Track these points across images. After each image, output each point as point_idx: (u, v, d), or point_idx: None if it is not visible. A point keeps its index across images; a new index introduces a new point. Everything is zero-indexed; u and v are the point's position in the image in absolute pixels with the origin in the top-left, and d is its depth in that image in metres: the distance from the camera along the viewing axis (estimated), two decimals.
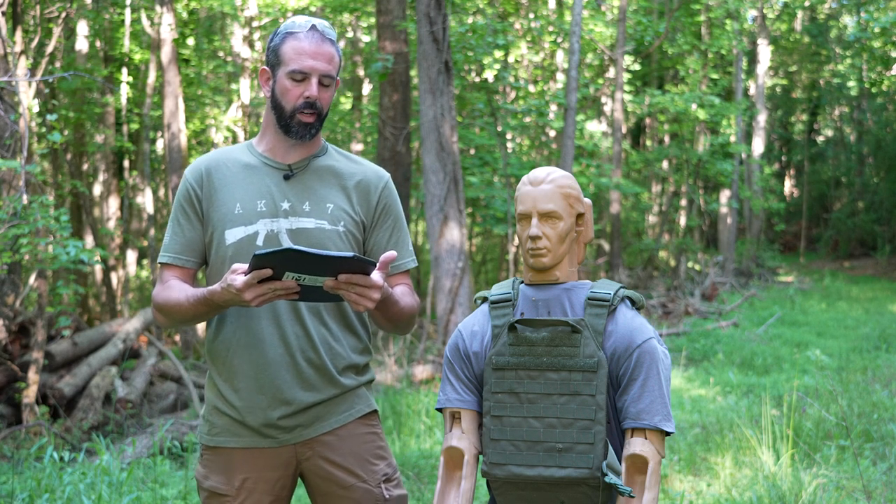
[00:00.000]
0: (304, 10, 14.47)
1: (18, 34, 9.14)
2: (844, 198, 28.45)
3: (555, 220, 2.16)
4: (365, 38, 18.23)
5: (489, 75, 11.86)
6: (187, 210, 2.41)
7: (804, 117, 31.34)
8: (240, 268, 2.09)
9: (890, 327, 11.71)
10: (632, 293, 2.20)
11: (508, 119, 13.12)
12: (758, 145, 22.61)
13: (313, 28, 2.33)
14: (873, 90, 25.99)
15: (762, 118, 22.60)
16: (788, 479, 4.70)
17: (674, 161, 20.55)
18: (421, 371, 8.11)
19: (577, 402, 2.10)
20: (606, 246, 17.56)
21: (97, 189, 15.12)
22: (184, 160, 11.45)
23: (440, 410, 2.27)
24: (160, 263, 2.43)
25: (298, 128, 2.35)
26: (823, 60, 27.57)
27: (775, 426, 5.60)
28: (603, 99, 18.85)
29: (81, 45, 13.76)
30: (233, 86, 17.00)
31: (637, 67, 18.66)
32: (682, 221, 22.67)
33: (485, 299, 2.28)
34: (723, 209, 21.20)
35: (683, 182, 19.92)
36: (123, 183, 16.24)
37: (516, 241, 9.08)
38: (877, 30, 20.15)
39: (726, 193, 20.86)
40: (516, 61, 17.12)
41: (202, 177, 2.41)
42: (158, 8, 11.78)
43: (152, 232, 14.49)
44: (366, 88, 18.95)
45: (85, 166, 15.19)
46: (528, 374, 2.14)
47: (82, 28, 13.57)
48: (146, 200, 15.46)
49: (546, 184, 2.18)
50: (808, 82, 29.82)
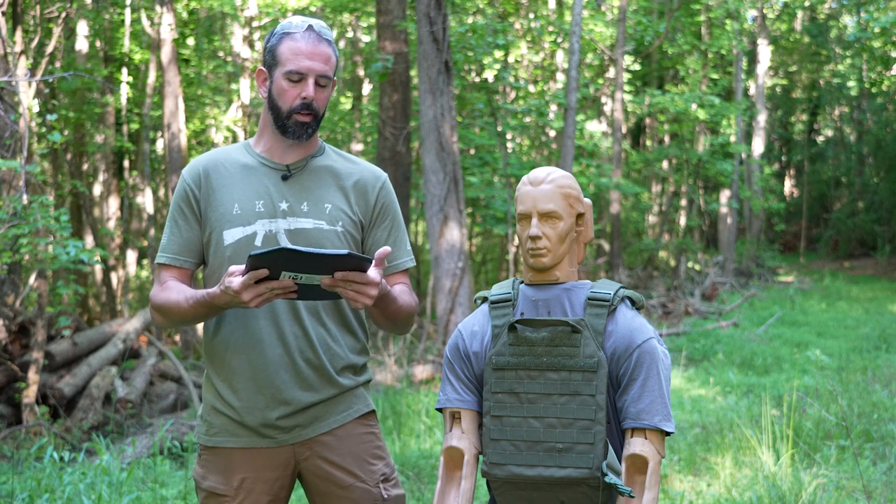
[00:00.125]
0: (304, 10, 14.47)
1: (18, 34, 9.14)
2: (844, 198, 28.45)
3: (555, 220, 2.16)
4: (365, 38, 18.23)
5: (489, 75, 11.86)
6: (185, 210, 2.40)
7: (804, 117, 31.33)
8: (236, 269, 2.09)
9: (890, 327, 11.71)
10: (632, 293, 2.20)
11: (508, 119, 13.11)
12: (758, 145, 22.60)
13: (310, 28, 2.33)
14: (873, 90, 25.99)
15: (762, 118, 22.60)
16: (788, 479, 4.70)
17: (674, 161, 20.55)
18: (421, 371, 8.10)
19: (577, 402, 2.10)
20: (606, 246, 17.56)
21: (97, 189, 15.11)
22: (184, 160, 11.44)
23: (440, 410, 2.27)
24: (158, 264, 2.42)
25: (295, 128, 2.35)
26: (823, 60, 27.57)
27: (775, 426, 5.60)
28: (603, 99, 18.85)
29: (81, 45, 13.76)
30: (233, 86, 17.00)
31: (637, 67, 18.66)
32: (682, 221, 22.67)
33: (485, 299, 2.28)
34: (723, 209, 21.20)
35: (683, 182, 19.92)
36: (123, 183, 16.24)
37: (516, 241, 9.08)
38: (877, 30, 20.14)
39: (726, 193, 20.86)
40: (516, 61, 17.12)
41: (200, 177, 2.40)
42: (158, 8, 11.78)
43: (152, 232, 14.49)
44: (366, 88, 18.95)
45: (85, 166, 15.18)
46: (528, 374, 2.14)
47: (82, 28, 13.57)
48: (146, 200, 15.47)
49: (546, 184, 2.18)
50: (808, 82, 29.81)
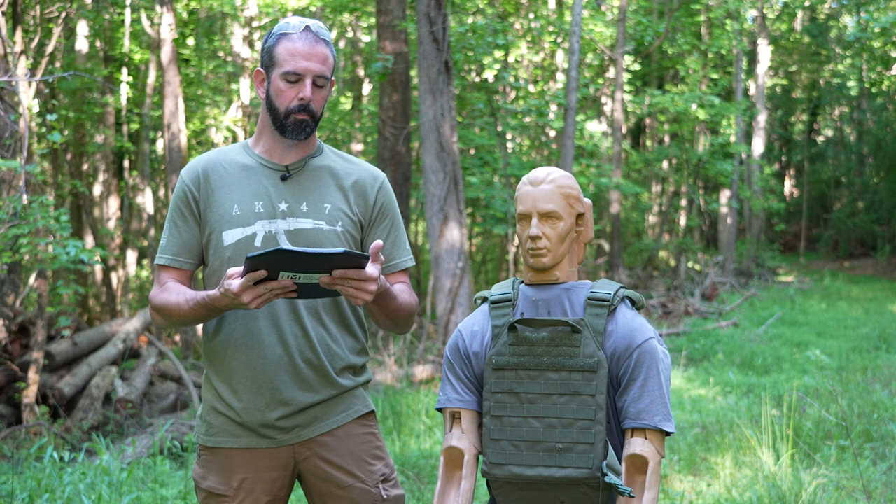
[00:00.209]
0: (304, 10, 14.46)
1: (18, 34, 9.13)
2: (844, 198, 28.45)
3: (555, 220, 2.16)
4: (365, 38, 18.22)
5: (489, 75, 11.86)
6: (184, 211, 2.40)
7: (804, 117, 31.33)
8: (235, 272, 2.09)
9: (890, 327, 11.71)
10: (632, 293, 2.20)
11: (508, 119, 13.11)
12: (758, 145, 22.60)
13: (307, 29, 2.33)
14: (873, 90, 25.99)
15: (762, 118, 22.60)
16: (788, 479, 4.70)
17: (674, 161, 20.54)
18: (421, 371, 8.10)
19: (577, 402, 2.10)
20: (606, 246, 17.56)
21: (97, 189, 15.11)
22: (184, 160, 11.44)
23: (440, 410, 2.27)
24: (157, 265, 2.42)
25: (294, 127, 2.35)
26: (823, 60, 27.57)
27: (775, 426, 5.60)
28: (603, 99, 18.84)
29: (81, 45, 13.76)
30: (233, 86, 16.99)
31: (637, 67, 18.66)
32: (682, 221, 22.67)
33: (485, 299, 2.28)
34: (723, 209, 21.20)
35: (683, 182, 19.92)
36: (123, 183, 16.24)
37: (516, 241, 9.08)
38: (877, 30, 20.14)
39: (726, 193, 20.86)
40: (516, 61, 17.12)
41: (199, 178, 2.40)
42: (158, 8, 11.78)
43: (152, 232, 14.49)
44: (366, 88, 18.95)
45: (85, 166, 15.18)
46: (528, 374, 2.14)
47: (82, 28, 13.57)
48: (146, 200, 15.47)
49: (546, 184, 2.18)
50: (808, 82, 29.82)
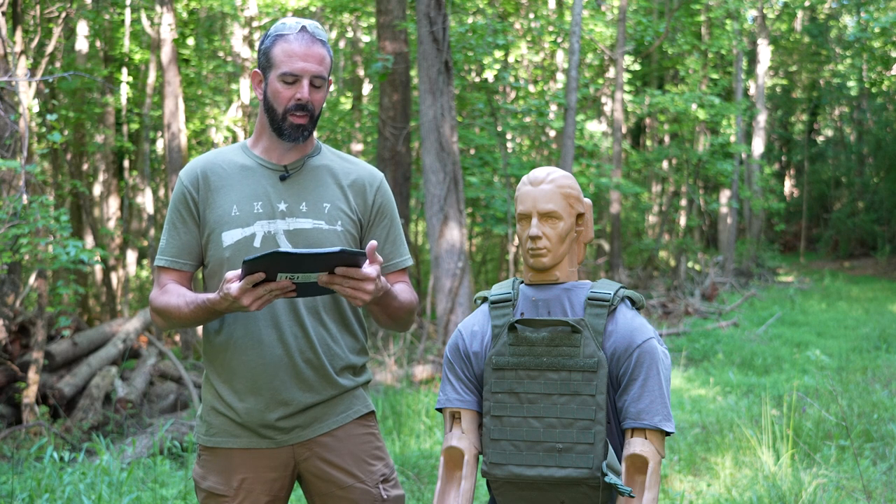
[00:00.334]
0: (304, 10, 14.46)
1: (18, 34, 9.13)
2: (844, 198, 28.45)
3: (555, 220, 2.16)
4: (365, 38, 18.22)
5: (489, 75, 11.86)
6: (183, 213, 2.40)
7: (804, 117, 31.34)
8: (233, 276, 2.10)
9: (890, 327, 11.70)
10: (632, 293, 2.20)
11: (508, 119, 13.11)
12: (758, 145, 22.60)
13: (303, 30, 2.33)
14: (873, 90, 25.99)
15: (762, 118, 22.59)
16: (788, 479, 4.70)
17: (674, 161, 20.54)
18: (421, 371, 8.10)
19: (577, 402, 2.10)
20: (606, 246, 17.56)
21: (97, 189, 15.11)
22: (184, 160, 11.44)
23: (440, 410, 2.27)
24: (157, 266, 2.42)
25: (291, 130, 2.35)
26: (823, 60, 27.57)
27: (775, 426, 5.60)
28: (603, 99, 18.84)
29: (81, 45, 13.75)
30: (233, 86, 16.99)
31: (637, 67, 18.66)
32: (682, 221, 22.67)
33: (485, 299, 2.28)
34: (723, 209, 21.20)
35: (683, 182, 19.92)
36: (123, 183, 16.24)
37: (516, 241, 9.07)
38: (877, 30, 20.15)
39: (726, 193, 20.86)
40: (516, 61, 17.12)
41: (198, 179, 2.40)
42: (158, 8, 11.78)
43: (152, 232, 14.49)
44: (366, 88, 18.95)
45: (85, 166, 15.18)
46: (528, 374, 2.14)
47: (82, 28, 13.57)
48: (146, 200, 15.47)
49: (546, 184, 2.18)
50: (808, 82, 29.82)
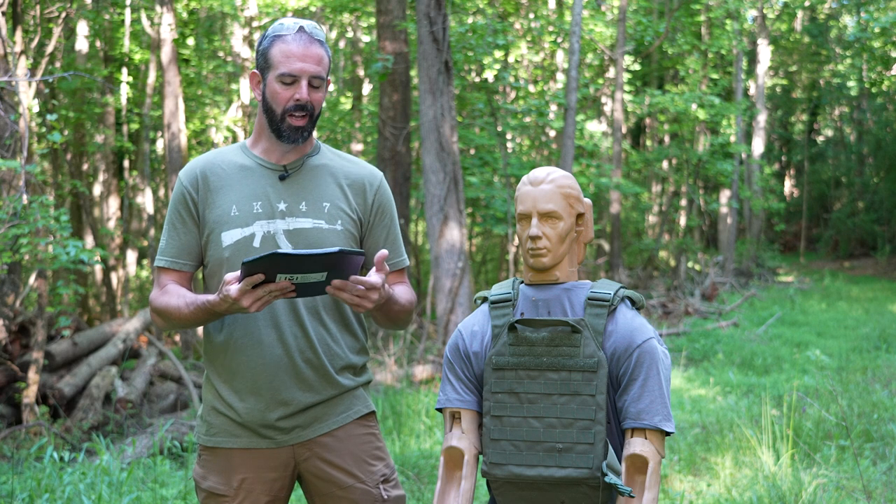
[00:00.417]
0: (304, 10, 14.46)
1: (18, 34, 9.13)
2: (844, 198, 28.45)
3: (555, 220, 2.16)
4: (365, 38, 18.22)
5: (489, 75, 11.86)
6: (182, 214, 2.41)
7: (804, 117, 31.33)
8: (232, 277, 2.11)
9: (890, 327, 11.70)
10: (632, 293, 2.20)
11: (508, 119, 13.11)
12: (758, 145, 22.60)
13: (301, 30, 2.32)
14: (873, 90, 25.99)
15: (762, 118, 22.59)
16: (788, 479, 4.70)
17: (674, 161, 20.54)
18: (421, 371, 8.10)
19: (577, 402, 2.10)
20: (606, 246, 17.56)
21: (97, 189, 15.11)
22: (184, 160, 11.44)
23: (440, 410, 2.27)
24: (157, 267, 2.42)
25: (290, 132, 2.35)
26: (823, 60, 27.57)
27: (775, 426, 5.60)
28: (603, 99, 18.84)
29: (81, 45, 13.75)
30: (233, 86, 16.99)
31: (637, 67, 18.65)
32: (682, 221, 22.67)
33: (485, 299, 2.28)
34: (723, 209, 21.19)
35: (683, 182, 19.92)
36: (123, 183, 16.24)
37: (516, 241, 9.07)
38: (877, 30, 20.14)
39: (726, 193, 20.86)
40: (516, 61, 17.11)
41: (197, 180, 2.41)
42: (158, 8, 11.78)
43: (152, 232, 14.49)
44: (366, 88, 18.94)
45: (85, 166, 15.18)
46: (528, 374, 2.14)
47: (82, 28, 13.57)
48: (146, 200, 15.47)
49: (546, 184, 2.18)
50: (808, 82, 29.82)
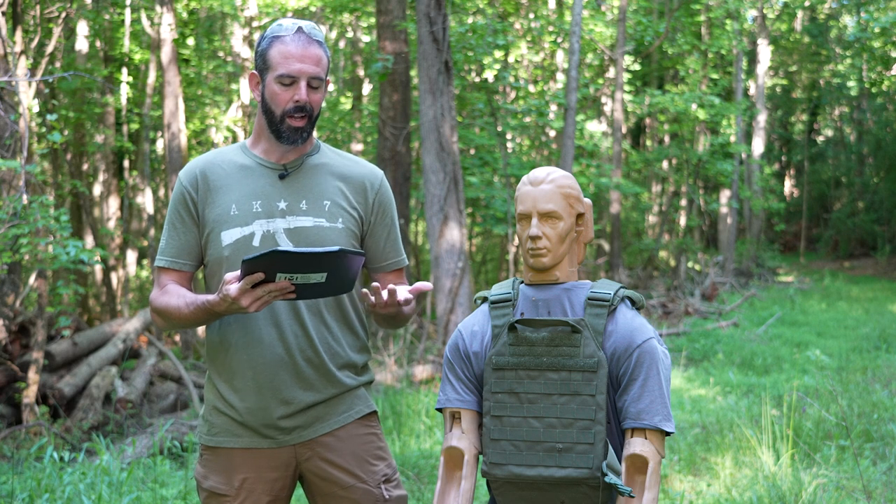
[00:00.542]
0: (304, 10, 14.46)
1: (18, 34, 9.13)
2: (844, 198, 28.45)
3: (555, 220, 2.16)
4: (365, 38, 18.22)
5: (489, 75, 11.86)
6: (182, 214, 2.41)
7: (804, 117, 31.33)
8: (232, 277, 2.10)
9: (890, 327, 11.70)
10: (632, 293, 2.20)
11: (508, 119, 13.11)
12: (758, 145, 22.60)
13: (299, 31, 2.32)
14: (873, 90, 25.99)
15: (762, 118, 22.59)
16: (788, 479, 4.70)
17: (674, 161, 20.54)
18: (421, 371, 8.10)
19: (577, 402, 2.10)
20: (606, 246, 17.56)
21: (97, 189, 15.11)
22: (184, 160, 11.44)
23: (440, 410, 2.27)
24: (157, 267, 2.43)
25: (289, 133, 2.35)
26: (823, 60, 27.56)
27: (775, 426, 5.59)
28: (603, 99, 18.84)
29: (81, 45, 13.75)
30: (233, 86, 16.99)
31: (637, 67, 18.65)
32: (682, 221, 22.67)
33: (485, 299, 2.28)
34: (723, 209, 21.19)
35: (683, 182, 19.92)
36: (123, 183, 16.24)
37: (516, 241, 9.07)
38: (877, 30, 20.14)
39: (726, 193, 20.86)
40: (516, 61, 17.11)
41: (197, 179, 2.41)
42: (158, 8, 11.78)
43: (152, 232, 14.49)
44: (366, 88, 18.94)
45: (85, 166, 15.18)
46: (528, 374, 2.14)
47: (82, 28, 13.57)
48: (146, 200, 15.47)
49: (546, 184, 2.18)
50: (808, 82, 29.81)
